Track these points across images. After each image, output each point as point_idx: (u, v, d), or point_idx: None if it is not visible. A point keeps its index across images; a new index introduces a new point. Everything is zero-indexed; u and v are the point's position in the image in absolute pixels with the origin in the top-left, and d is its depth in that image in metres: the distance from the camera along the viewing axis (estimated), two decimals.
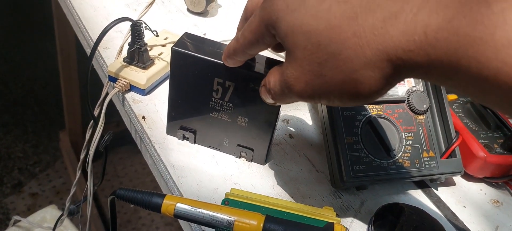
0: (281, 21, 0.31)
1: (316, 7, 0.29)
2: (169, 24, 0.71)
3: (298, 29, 0.30)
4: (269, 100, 0.37)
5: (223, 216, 0.35)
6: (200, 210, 0.36)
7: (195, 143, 0.51)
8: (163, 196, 0.36)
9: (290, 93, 0.33)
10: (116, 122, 1.61)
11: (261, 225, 0.35)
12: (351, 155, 0.47)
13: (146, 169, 1.71)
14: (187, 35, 0.45)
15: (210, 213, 0.35)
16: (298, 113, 0.59)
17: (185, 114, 0.49)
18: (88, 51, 0.64)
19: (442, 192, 0.53)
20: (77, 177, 0.62)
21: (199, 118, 0.48)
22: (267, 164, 0.51)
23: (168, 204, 0.36)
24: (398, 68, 0.27)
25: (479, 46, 0.23)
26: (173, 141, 0.51)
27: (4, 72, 2.07)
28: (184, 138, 0.51)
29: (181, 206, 0.36)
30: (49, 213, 0.91)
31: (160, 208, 0.36)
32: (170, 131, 0.51)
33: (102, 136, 0.56)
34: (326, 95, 0.31)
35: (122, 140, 1.72)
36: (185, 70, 0.44)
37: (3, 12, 2.50)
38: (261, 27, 0.34)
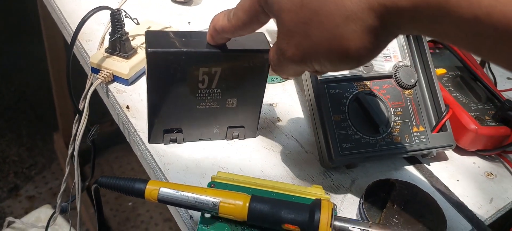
0: None
1: None
2: (152, 14, 0.70)
3: None
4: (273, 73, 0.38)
5: (208, 197, 0.35)
6: (184, 193, 0.35)
7: (184, 141, 0.48)
8: (146, 181, 0.36)
9: (284, 60, 0.34)
10: (110, 120, 1.60)
11: (247, 204, 0.34)
12: (339, 133, 0.46)
13: (142, 166, 1.70)
14: (150, 34, 0.42)
15: (195, 195, 0.35)
16: (286, 96, 0.59)
17: (169, 116, 0.46)
18: (74, 48, 0.63)
19: (435, 167, 0.52)
20: (66, 172, 0.62)
21: (185, 114, 0.46)
22: (256, 147, 0.50)
23: (152, 189, 0.35)
24: (383, 18, 0.27)
25: None
26: None
27: None
28: (171, 140, 0.48)
29: (164, 190, 0.35)
30: (44, 213, 0.90)
31: (144, 194, 0.35)
32: (154, 139, 0.48)
33: (88, 129, 0.55)
34: (315, 57, 0.31)
35: (117, 138, 1.71)
36: (166, 70, 0.42)
37: None
38: (254, 4, 0.34)
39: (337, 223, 0.34)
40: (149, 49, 0.40)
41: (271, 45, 0.45)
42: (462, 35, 0.24)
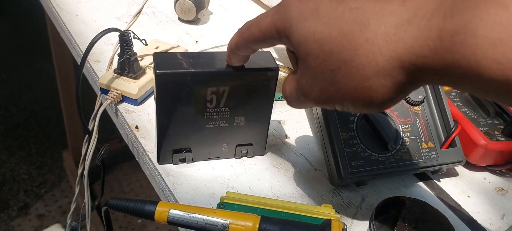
0: (294, 29, 0.31)
1: (329, 15, 0.29)
2: (161, 34, 0.71)
3: (311, 37, 0.30)
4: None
5: (218, 219, 0.35)
6: (194, 215, 0.35)
7: (193, 161, 0.49)
8: (156, 203, 0.36)
9: (306, 100, 0.34)
10: (119, 138, 1.61)
11: (257, 226, 0.34)
12: (348, 151, 0.46)
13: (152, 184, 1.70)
14: (158, 55, 0.43)
15: (204, 217, 0.35)
16: (294, 114, 0.59)
17: (178, 136, 0.46)
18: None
19: (445, 183, 0.52)
20: (76, 192, 0.62)
21: (194, 134, 0.46)
22: (264, 165, 0.50)
23: (161, 211, 0.35)
24: (412, 75, 0.27)
25: (499, 47, 0.22)
26: None
27: (4, 96, 2.08)
28: (180, 160, 0.48)
29: (174, 212, 0.35)
30: None
31: (154, 215, 0.35)
32: (163, 159, 0.48)
33: (97, 149, 0.55)
34: (340, 101, 0.31)
35: (126, 155, 1.71)
36: (175, 91, 0.42)
37: (1, 37, 2.52)
38: (271, 30, 0.34)
39: None
40: (158, 71, 0.40)
41: (278, 62, 0.46)
42: (492, 92, 0.25)
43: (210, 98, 0.44)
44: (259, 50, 0.46)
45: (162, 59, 0.42)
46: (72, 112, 1.48)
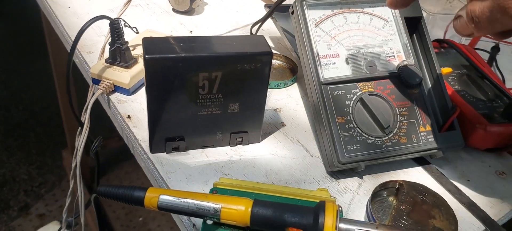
0: None
1: None
2: (155, 25, 0.70)
3: None
4: (467, 31, 0.34)
5: (209, 204, 0.34)
6: (184, 199, 0.34)
7: (186, 149, 0.48)
8: (145, 189, 0.35)
9: (503, 18, 0.30)
10: (118, 135, 1.60)
11: (249, 209, 0.33)
12: (343, 135, 0.45)
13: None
14: (147, 40, 0.41)
15: (195, 202, 0.34)
16: (290, 101, 0.58)
17: (170, 124, 0.45)
18: (76, 60, 0.63)
19: (444, 167, 0.51)
20: (71, 186, 0.61)
21: (187, 121, 0.45)
22: (260, 153, 0.49)
23: (151, 197, 0.34)
24: None
25: None
26: None
27: (4, 97, 2.07)
28: (173, 149, 0.47)
29: (164, 197, 0.34)
30: (52, 229, 0.90)
31: (144, 201, 0.34)
32: (156, 148, 0.47)
33: (91, 141, 0.55)
34: None
35: (126, 153, 1.71)
36: (165, 77, 0.41)
37: (0, 37, 2.51)
38: None
39: (342, 225, 0.33)
40: (146, 56, 0.39)
41: (272, 50, 0.45)
42: None
43: (202, 84, 0.43)
44: (253, 34, 0.45)
45: (151, 43, 0.41)
46: (70, 110, 1.47)
